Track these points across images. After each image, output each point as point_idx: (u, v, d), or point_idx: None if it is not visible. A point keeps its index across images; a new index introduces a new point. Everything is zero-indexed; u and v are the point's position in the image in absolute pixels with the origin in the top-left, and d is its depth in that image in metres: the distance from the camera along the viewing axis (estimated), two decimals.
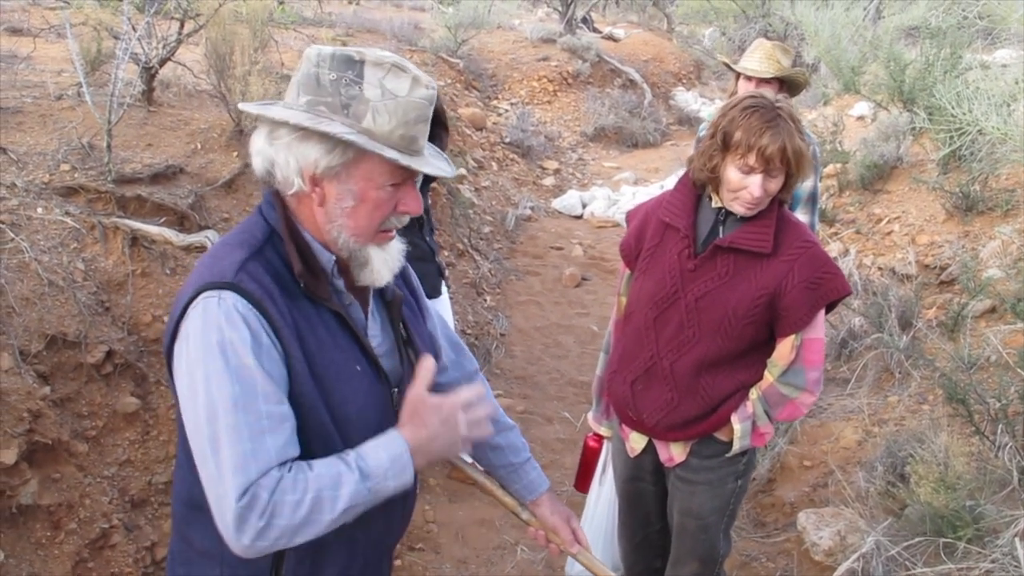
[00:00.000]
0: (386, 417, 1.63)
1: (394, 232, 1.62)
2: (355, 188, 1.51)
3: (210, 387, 1.42)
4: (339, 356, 1.56)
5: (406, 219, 1.60)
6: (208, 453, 1.42)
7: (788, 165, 2.19)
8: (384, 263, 1.60)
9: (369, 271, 1.59)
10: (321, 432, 1.53)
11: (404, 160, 1.48)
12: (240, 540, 1.40)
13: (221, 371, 1.42)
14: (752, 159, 2.18)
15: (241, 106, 1.56)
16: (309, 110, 1.48)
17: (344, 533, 1.52)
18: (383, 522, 1.70)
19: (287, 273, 1.54)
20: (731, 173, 2.24)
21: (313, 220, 1.56)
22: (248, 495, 1.39)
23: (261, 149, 1.53)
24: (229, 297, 1.45)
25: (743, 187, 2.22)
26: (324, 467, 1.45)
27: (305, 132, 1.47)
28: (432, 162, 1.57)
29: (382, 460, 1.47)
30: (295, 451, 1.46)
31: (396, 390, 1.67)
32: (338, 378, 1.55)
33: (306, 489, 1.41)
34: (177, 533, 1.68)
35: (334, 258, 1.58)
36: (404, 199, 1.56)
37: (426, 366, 1.59)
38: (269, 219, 1.57)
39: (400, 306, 1.72)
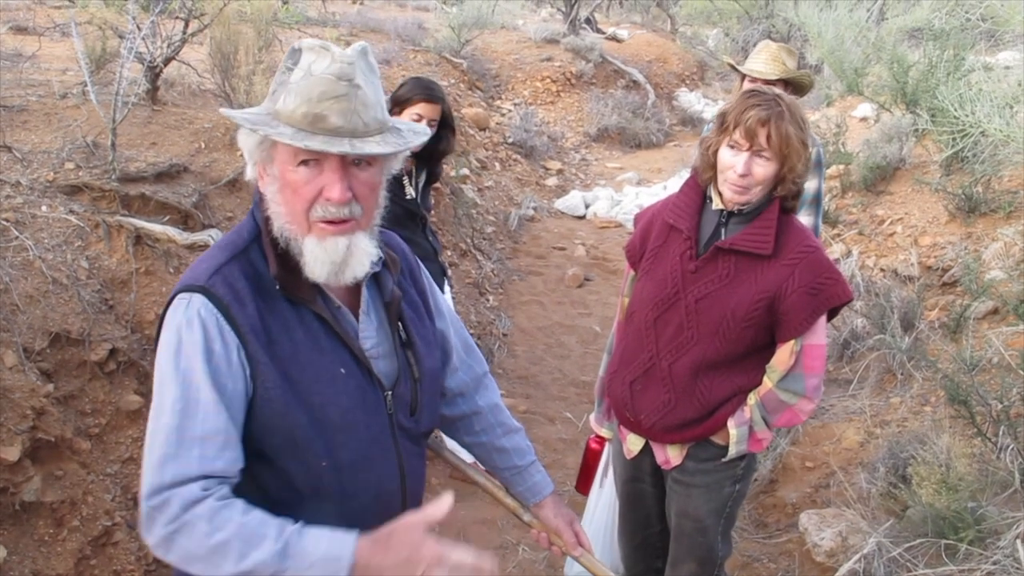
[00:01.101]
0: (377, 420, 1.61)
1: (338, 226, 1.50)
2: (276, 171, 1.51)
3: (163, 386, 1.45)
4: (320, 359, 1.54)
5: (344, 210, 1.48)
6: (147, 446, 1.44)
7: (773, 146, 2.19)
8: (316, 259, 1.49)
9: (303, 264, 1.51)
10: (295, 435, 1.50)
11: (287, 139, 1.42)
12: (147, 538, 1.41)
13: (172, 372, 1.45)
14: (738, 134, 2.20)
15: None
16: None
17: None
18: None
19: (268, 274, 1.53)
20: (722, 153, 2.26)
21: None
22: (159, 498, 1.38)
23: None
24: (196, 300, 1.48)
25: (731, 166, 2.24)
26: (256, 520, 1.39)
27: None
28: (335, 142, 1.43)
29: (316, 552, 1.36)
30: (225, 466, 1.43)
31: (390, 392, 1.63)
32: (317, 380, 1.52)
33: (221, 528, 1.36)
34: None
35: None
36: (326, 184, 1.46)
37: (442, 504, 1.48)
38: (257, 218, 1.58)
39: (399, 306, 1.68)
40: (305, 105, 1.43)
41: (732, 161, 2.24)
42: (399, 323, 1.69)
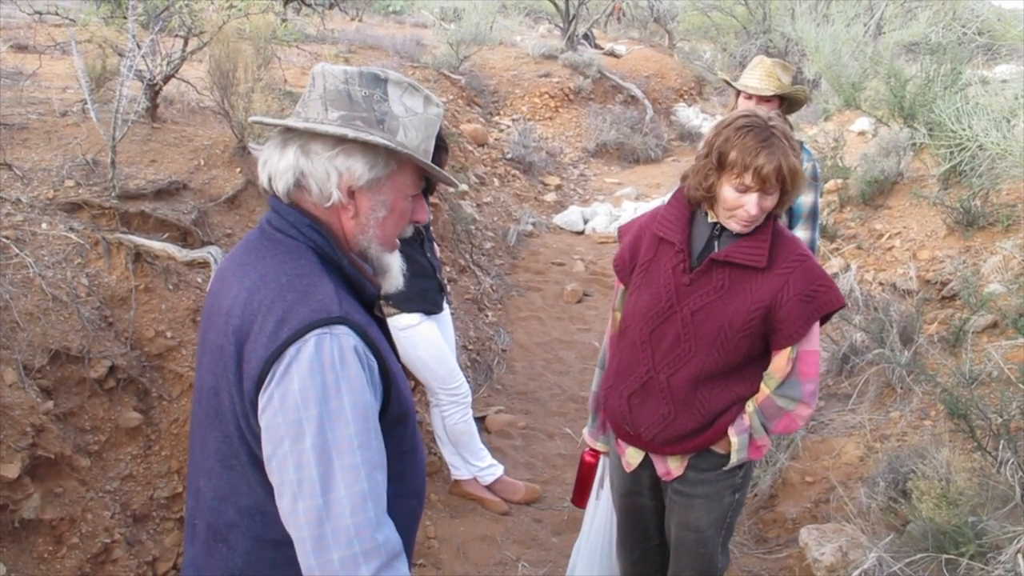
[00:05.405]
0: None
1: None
2: (387, 199, 1.59)
3: (323, 427, 1.40)
4: (394, 359, 1.64)
5: (411, 228, 1.70)
6: (318, 492, 1.39)
7: (784, 183, 2.22)
8: (399, 268, 1.69)
9: (390, 277, 1.68)
10: (415, 433, 1.67)
11: (437, 170, 1.60)
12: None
13: (338, 411, 1.41)
14: (748, 178, 2.20)
15: (289, 122, 1.56)
16: (345, 125, 1.53)
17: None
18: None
19: (353, 292, 1.60)
20: (727, 192, 2.26)
21: (343, 233, 1.61)
22: (381, 536, 1.43)
23: (294, 164, 1.54)
24: (341, 332, 1.46)
25: (739, 206, 2.25)
26: None
27: (350, 145, 1.52)
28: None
29: None
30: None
31: None
32: (402, 379, 1.64)
33: None
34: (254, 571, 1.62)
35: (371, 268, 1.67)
36: (417, 208, 1.67)
37: None
38: (309, 241, 1.57)
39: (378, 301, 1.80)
40: (426, 142, 1.61)
41: (741, 201, 2.24)
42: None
